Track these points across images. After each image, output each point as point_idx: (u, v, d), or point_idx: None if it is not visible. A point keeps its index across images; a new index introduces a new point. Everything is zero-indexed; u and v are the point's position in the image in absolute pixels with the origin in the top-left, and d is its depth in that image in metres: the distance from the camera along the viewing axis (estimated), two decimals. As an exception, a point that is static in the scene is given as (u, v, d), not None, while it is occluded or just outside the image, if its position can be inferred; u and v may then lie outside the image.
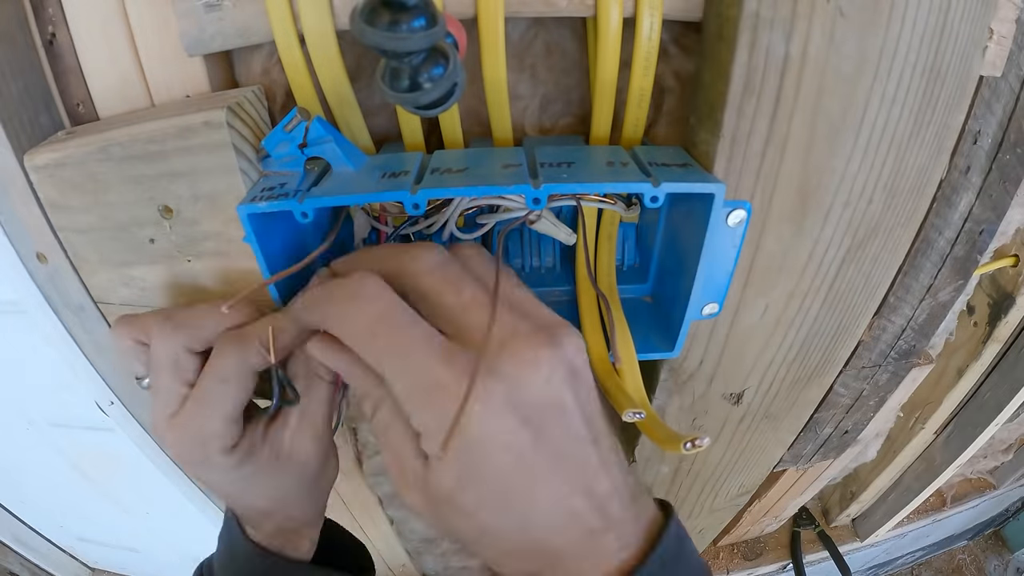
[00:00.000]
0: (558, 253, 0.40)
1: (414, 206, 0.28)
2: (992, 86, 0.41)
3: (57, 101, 0.36)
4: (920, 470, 0.98)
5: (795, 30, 0.27)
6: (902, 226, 0.36)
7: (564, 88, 0.37)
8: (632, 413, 0.30)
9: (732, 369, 0.41)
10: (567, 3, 0.30)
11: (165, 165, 0.31)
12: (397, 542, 0.82)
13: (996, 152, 0.45)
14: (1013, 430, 1.06)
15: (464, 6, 0.29)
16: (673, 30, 0.34)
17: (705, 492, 0.56)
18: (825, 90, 0.29)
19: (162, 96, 0.34)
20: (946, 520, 1.26)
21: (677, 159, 0.31)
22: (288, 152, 0.31)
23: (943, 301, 0.54)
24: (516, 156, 0.32)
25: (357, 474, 0.67)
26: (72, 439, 0.73)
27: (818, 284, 0.37)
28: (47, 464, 0.81)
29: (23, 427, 0.75)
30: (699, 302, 0.34)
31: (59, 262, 0.38)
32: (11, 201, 0.36)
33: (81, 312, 0.41)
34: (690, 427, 0.46)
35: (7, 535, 0.98)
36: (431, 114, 0.28)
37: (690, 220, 0.31)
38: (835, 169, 0.31)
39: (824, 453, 0.71)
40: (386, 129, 0.37)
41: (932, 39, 0.28)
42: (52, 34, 0.34)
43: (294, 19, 0.29)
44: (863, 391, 0.60)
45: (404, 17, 0.22)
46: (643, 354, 0.35)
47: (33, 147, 0.34)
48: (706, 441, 0.27)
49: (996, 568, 1.68)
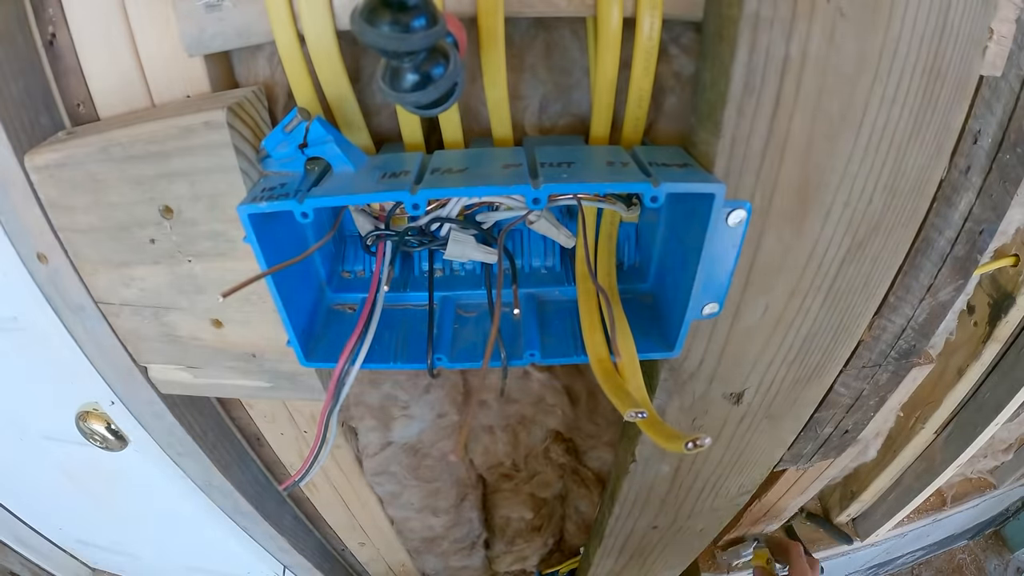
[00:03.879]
0: (558, 253, 0.40)
1: (414, 206, 0.28)
2: (992, 86, 0.41)
3: (57, 101, 0.36)
4: (920, 470, 0.98)
5: (795, 30, 0.27)
6: (902, 226, 0.35)
7: (564, 88, 0.37)
8: (633, 413, 0.30)
9: (732, 369, 0.41)
10: (567, 3, 0.30)
11: (165, 165, 0.31)
12: (397, 542, 0.82)
13: (996, 152, 0.45)
14: (1013, 430, 1.06)
15: (464, 6, 0.29)
16: (673, 30, 0.34)
17: (705, 492, 0.56)
18: (825, 90, 0.29)
19: (162, 96, 0.34)
20: (946, 520, 1.26)
21: (677, 159, 0.31)
22: (288, 152, 0.31)
23: (943, 301, 0.54)
24: (516, 156, 0.32)
25: (357, 474, 0.67)
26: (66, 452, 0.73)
27: (818, 284, 0.37)
28: (42, 474, 0.81)
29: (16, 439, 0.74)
30: (699, 302, 0.34)
31: (59, 262, 0.38)
32: (11, 201, 0.36)
33: (81, 312, 0.41)
34: (690, 427, 0.46)
35: (7, 535, 0.97)
36: (431, 114, 0.28)
37: (690, 220, 0.31)
38: (835, 169, 0.31)
39: (824, 453, 0.71)
40: (386, 129, 0.37)
41: (932, 39, 0.28)
42: (52, 34, 0.34)
43: (294, 19, 0.29)
44: (863, 391, 0.60)
45: (404, 17, 0.22)
46: (643, 354, 0.35)
47: (34, 147, 0.34)
48: (707, 441, 0.27)
49: (996, 568, 1.68)
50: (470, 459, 0.70)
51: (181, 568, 1.00)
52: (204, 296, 0.38)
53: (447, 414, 0.59)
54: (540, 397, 0.60)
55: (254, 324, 0.39)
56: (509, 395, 0.59)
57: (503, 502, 0.79)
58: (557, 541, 0.91)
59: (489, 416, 0.62)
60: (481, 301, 0.39)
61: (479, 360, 0.34)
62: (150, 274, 0.37)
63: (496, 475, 0.73)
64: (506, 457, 0.69)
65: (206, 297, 0.38)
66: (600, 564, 0.71)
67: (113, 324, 0.41)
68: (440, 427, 0.61)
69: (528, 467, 0.72)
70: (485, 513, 0.81)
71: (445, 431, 0.61)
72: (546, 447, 0.68)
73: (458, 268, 0.40)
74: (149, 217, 0.33)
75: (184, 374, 0.44)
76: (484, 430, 0.65)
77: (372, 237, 0.36)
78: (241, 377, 0.44)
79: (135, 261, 0.36)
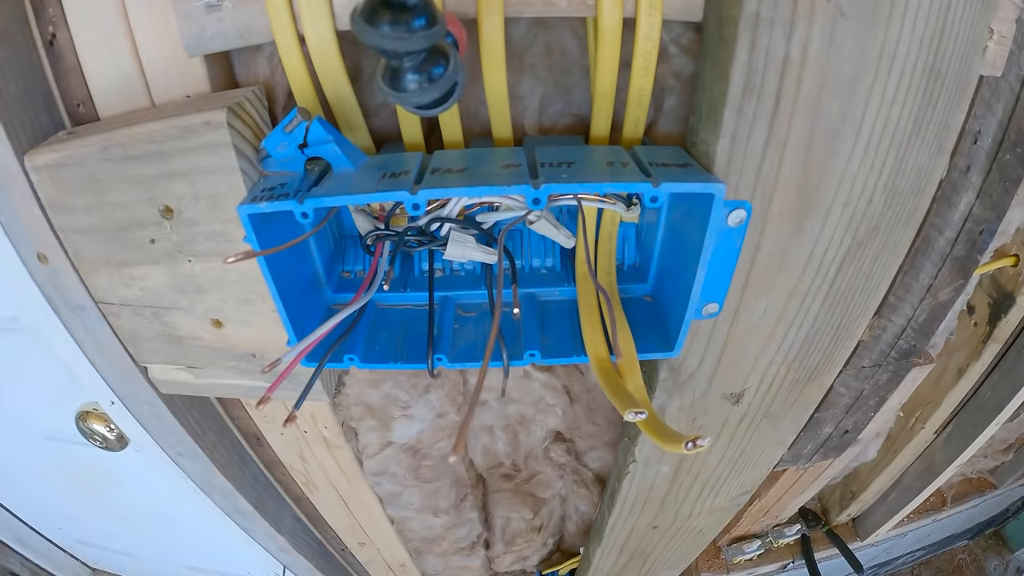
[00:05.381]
0: (558, 254, 0.40)
1: (414, 206, 0.28)
2: (992, 86, 0.41)
3: (58, 101, 0.36)
4: (920, 470, 0.98)
5: (795, 30, 0.27)
6: (902, 226, 0.35)
7: (564, 88, 0.37)
8: (633, 413, 0.30)
9: (732, 369, 0.41)
10: (567, 3, 0.30)
11: (165, 165, 0.31)
12: (397, 542, 0.82)
13: (996, 152, 0.45)
14: (1013, 430, 1.06)
15: (464, 6, 0.29)
16: (673, 30, 0.34)
17: (705, 492, 0.56)
18: (825, 90, 0.29)
19: (162, 96, 0.34)
20: (946, 520, 1.26)
21: (677, 159, 0.31)
22: (288, 152, 0.31)
23: (943, 301, 0.54)
24: (516, 156, 0.32)
25: (357, 474, 0.67)
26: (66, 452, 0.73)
27: (818, 284, 0.37)
28: (42, 474, 0.81)
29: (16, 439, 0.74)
30: (699, 302, 0.34)
31: (60, 262, 0.38)
32: (11, 201, 0.36)
33: (81, 312, 0.41)
34: (690, 427, 0.46)
35: (7, 535, 0.98)
36: (431, 114, 0.28)
37: (690, 220, 0.31)
38: (835, 169, 0.31)
39: (824, 453, 0.71)
40: (386, 129, 0.37)
41: (932, 39, 0.28)
42: (52, 34, 0.34)
43: (294, 19, 0.29)
44: (863, 391, 0.60)
45: (404, 17, 0.22)
46: (643, 354, 0.35)
47: (34, 147, 0.34)
48: (707, 441, 0.27)
49: (996, 568, 1.68)
50: (470, 459, 0.70)
51: (181, 568, 1.00)
52: (204, 296, 0.38)
53: (447, 414, 0.59)
54: (540, 397, 0.60)
55: (254, 324, 0.39)
56: (509, 395, 0.59)
57: (503, 502, 0.79)
58: (557, 541, 0.91)
59: (489, 416, 0.62)
60: (481, 301, 0.39)
61: (479, 360, 0.34)
62: (150, 274, 0.37)
63: (496, 475, 0.73)
64: (506, 457, 0.69)
65: (206, 297, 0.38)
66: (600, 564, 0.71)
67: (113, 324, 0.41)
68: (440, 427, 0.61)
69: (528, 467, 0.72)
70: (485, 513, 0.81)
71: (445, 431, 0.61)
72: (546, 447, 0.68)
73: (458, 268, 0.40)
74: (149, 217, 0.33)
75: (184, 374, 0.44)
76: (484, 430, 0.65)
77: (372, 237, 0.36)
78: (241, 377, 0.44)
79: (135, 261, 0.36)
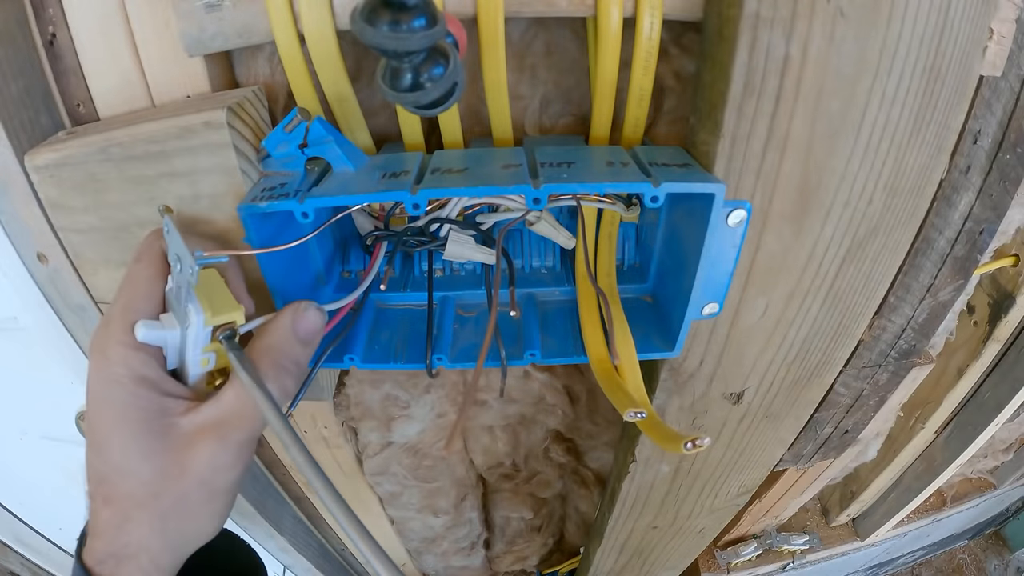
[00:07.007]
0: (558, 254, 0.40)
1: (414, 206, 0.28)
2: (992, 86, 0.41)
3: (57, 101, 0.36)
4: (920, 470, 0.98)
5: (795, 30, 0.27)
6: (902, 226, 0.35)
7: (564, 88, 0.37)
8: (633, 413, 0.30)
9: (732, 369, 0.41)
10: (567, 3, 0.30)
11: (165, 165, 0.31)
12: (397, 542, 0.82)
13: (996, 152, 0.45)
14: (1013, 430, 1.06)
15: (464, 6, 0.29)
16: (673, 30, 0.34)
17: (705, 492, 0.56)
18: (825, 90, 0.29)
19: (162, 96, 0.34)
20: (946, 520, 1.26)
21: (677, 159, 0.31)
22: (288, 152, 0.31)
23: (943, 301, 0.54)
24: (516, 156, 0.32)
25: (357, 474, 0.67)
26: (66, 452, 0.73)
27: (818, 284, 0.37)
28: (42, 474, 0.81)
29: (16, 439, 0.74)
30: (699, 302, 0.34)
31: (60, 262, 0.38)
32: (11, 201, 0.36)
33: (82, 312, 0.41)
34: (690, 427, 0.46)
35: (7, 535, 0.97)
36: (431, 114, 0.28)
37: (690, 220, 0.31)
38: (835, 169, 0.31)
39: (824, 453, 0.71)
40: (386, 129, 0.37)
41: (932, 39, 0.28)
42: (52, 34, 0.34)
43: (294, 19, 0.29)
44: (863, 391, 0.60)
45: (404, 17, 0.22)
46: (643, 354, 0.35)
47: (33, 147, 0.34)
48: (706, 441, 0.27)
49: (996, 568, 1.68)
50: (470, 459, 0.70)
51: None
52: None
53: (447, 414, 0.59)
54: (540, 397, 0.60)
55: (254, 324, 0.39)
56: (509, 395, 0.59)
57: (503, 502, 0.79)
58: (557, 541, 0.91)
59: (489, 416, 0.62)
60: (481, 301, 0.39)
61: (479, 360, 0.34)
62: (150, 274, 0.37)
63: (496, 475, 0.73)
64: (506, 457, 0.69)
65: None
66: (600, 564, 0.71)
67: (113, 324, 0.41)
68: (440, 427, 0.61)
69: (528, 467, 0.72)
70: (485, 513, 0.81)
71: (445, 431, 0.61)
72: (546, 447, 0.68)
73: (458, 268, 0.40)
74: (149, 217, 0.33)
75: (184, 374, 0.44)
76: (484, 430, 0.65)
77: (372, 237, 0.36)
78: (241, 377, 0.43)
79: (135, 261, 0.36)
